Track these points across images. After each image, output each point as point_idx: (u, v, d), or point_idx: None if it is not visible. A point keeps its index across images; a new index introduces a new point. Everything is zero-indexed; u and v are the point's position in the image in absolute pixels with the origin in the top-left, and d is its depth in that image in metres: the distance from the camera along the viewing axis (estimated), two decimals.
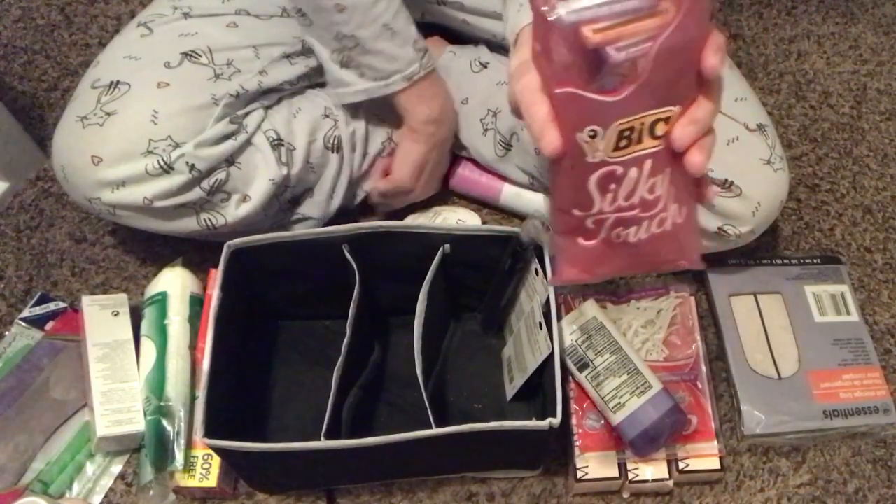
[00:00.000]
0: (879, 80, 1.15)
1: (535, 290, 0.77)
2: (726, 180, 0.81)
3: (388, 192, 0.93)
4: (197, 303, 0.87)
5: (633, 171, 0.46)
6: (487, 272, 0.81)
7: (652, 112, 0.44)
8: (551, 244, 0.51)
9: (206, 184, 0.81)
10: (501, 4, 0.70)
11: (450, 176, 1.01)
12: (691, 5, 0.41)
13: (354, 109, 0.91)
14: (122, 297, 0.89)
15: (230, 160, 0.82)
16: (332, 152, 0.90)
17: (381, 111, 0.94)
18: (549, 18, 0.41)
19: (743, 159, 0.82)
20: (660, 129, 0.45)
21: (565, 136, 0.45)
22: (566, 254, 0.51)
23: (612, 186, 0.46)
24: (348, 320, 0.76)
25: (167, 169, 0.78)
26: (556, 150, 0.45)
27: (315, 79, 0.90)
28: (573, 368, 0.82)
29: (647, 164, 0.46)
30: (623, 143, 0.45)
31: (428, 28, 0.99)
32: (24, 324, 0.89)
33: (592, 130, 0.44)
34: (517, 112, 0.51)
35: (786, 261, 0.95)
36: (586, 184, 0.46)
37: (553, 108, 0.45)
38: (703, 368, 0.85)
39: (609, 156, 0.45)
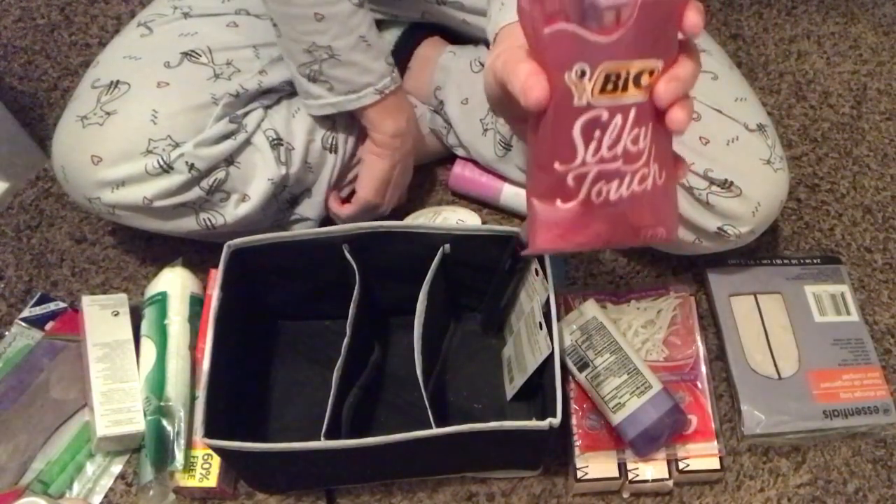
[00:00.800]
0: (879, 80, 1.15)
1: (535, 290, 0.77)
2: (726, 180, 0.81)
3: (355, 214, 0.92)
4: (197, 303, 0.87)
5: (618, 118, 0.46)
6: (487, 272, 0.81)
7: (637, 61, 0.45)
8: (528, 212, 0.51)
9: (205, 183, 0.81)
10: (486, 4, 0.70)
11: (449, 176, 1.01)
12: None
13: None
14: (122, 297, 0.89)
15: (229, 160, 0.82)
16: (330, 152, 0.90)
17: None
18: None
19: (743, 159, 0.82)
20: (644, 80, 0.46)
21: (552, 82, 0.45)
22: (542, 218, 0.49)
23: (597, 134, 0.46)
24: (348, 320, 0.76)
25: (167, 169, 0.78)
26: (543, 97, 0.46)
27: None
28: (573, 368, 0.82)
29: (632, 112, 0.46)
30: (609, 86, 0.45)
31: (428, 28, 0.99)
32: (24, 324, 0.89)
33: (581, 69, 0.44)
34: (493, 93, 0.52)
35: (786, 261, 0.95)
36: (571, 131, 0.46)
37: (541, 53, 0.46)
38: (703, 368, 0.86)
39: (595, 99, 0.45)
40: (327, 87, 0.82)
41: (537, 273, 0.76)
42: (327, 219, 0.93)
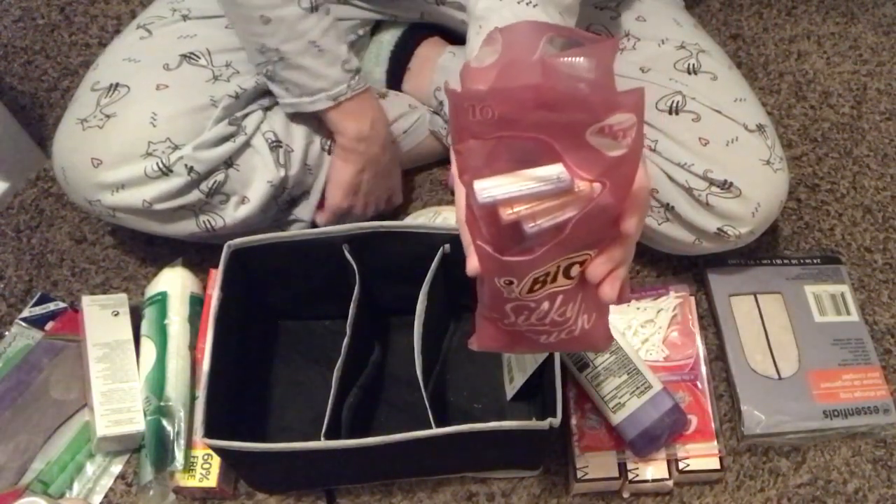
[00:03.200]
0: (879, 80, 1.15)
1: None
2: (726, 181, 0.81)
3: (328, 219, 0.92)
4: (197, 303, 0.87)
5: (546, 304, 0.49)
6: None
7: (567, 257, 0.46)
8: (477, 316, 0.55)
9: (204, 186, 0.81)
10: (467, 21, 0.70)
11: (449, 176, 1.01)
12: (612, 189, 0.43)
13: None
14: (122, 297, 0.89)
15: (229, 162, 0.82)
16: (329, 154, 0.90)
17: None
18: (472, 199, 0.43)
19: (742, 160, 0.82)
20: (574, 271, 0.47)
21: (486, 274, 0.47)
22: (488, 331, 0.54)
23: (525, 313, 0.50)
24: (348, 320, 0.76)
25: (166, 171, 0.78)
26: (475, 274, 0.48)
27: None
28: (573, 368, 0.82)
29: (559, 298, 0.48)
30: (537, 286, 0.47)
31: (428, 28, 1.00)
32: (24, 324, 0.89)
33: (508, 280, 0.46)
34: None
35: (786, 261, 0.95)
36: (503, 307, 0.49)
37: (475, 250, 0.47)
38: (703, 368, 0.86)
39: (522, 296, 0.48)
40: (283, 87, 0.82)
41: None
42: None
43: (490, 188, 0.42)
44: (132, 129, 0.78)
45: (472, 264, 0.47)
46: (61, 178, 0.82)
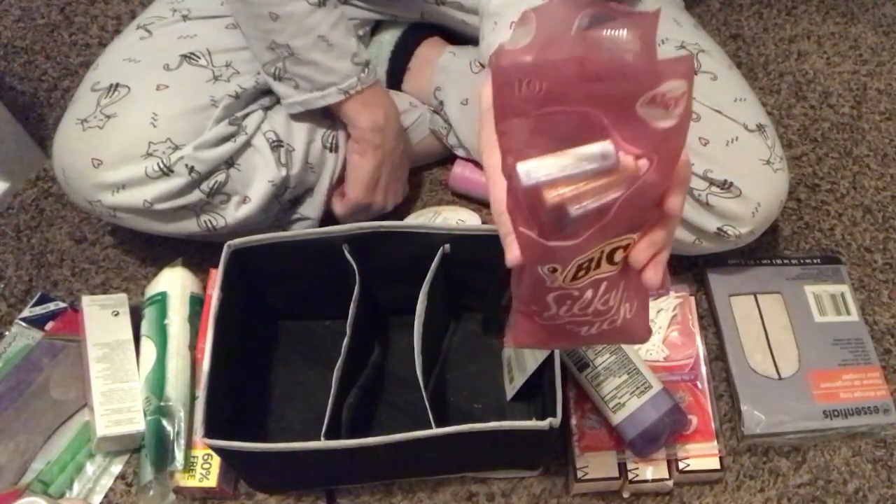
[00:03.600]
0: (879, 80, 1.15)
1: None
2: (726, 181, 0.81)
3: (348, 213, 0.92)
4: (197, 303, 0.87)
5: (589, 293, 0.47)
6: (487, 272, 0.81)
7: (611, 241, 0.45)
8: (512, 313, 0.53)
9: (205, 186, 0.81)
10: (479, 19, 0.70)
11: (449, 176, 1.01)
12: (660, 166, 0.41)
13: None
14: (122, 297, 0.89)
15: (230, 162, 0.82)
16: (330, 152, 0.90)
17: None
18: (514, 181, 0.42)
19: (742, 160, 0.82)
20: (618, 256, 0.46)
21: (528, 262, 0.46)
22: (524, 327, 0.52)
23: (568, 303, 0.48)
24: (348, 320, 0.76)
25: (167, 171, 0.78)
26: (517, 264, 0.46)
27: None
28: (573, 368, 0.82)
29: (603, 285, 0.47)
30: (581, 273, 0.46)
31: (428, 28, 1.00)
32: (24, 324, 0.89)
33: (553, 267, 0.45)
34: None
35: (786, 261, 0.95)
36: (545, 297, 0.48)
37: (516, 237, 0.46)
38: (703, 368, 0.86)
39: (567, 285, 0.46)
40: (293, 84, 0.82)
41: None
42: (328, 218, 0.93)
43: (534, 170, 0.41)
44: (132, 129, 0.78)
45: (513, 254, 0.46)
46: (61, 179, 0.82)
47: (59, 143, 0.81)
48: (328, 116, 0.89)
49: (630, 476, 0.80)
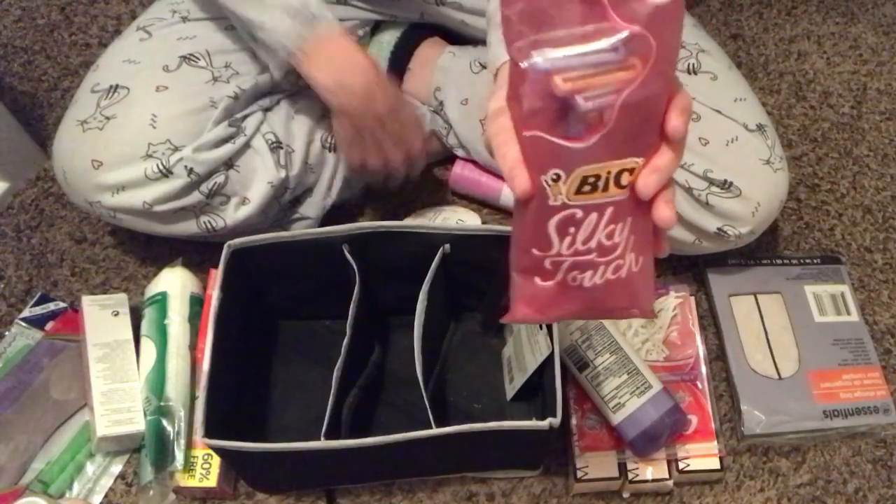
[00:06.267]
0: (879, 80, 1.15)
1: None
2: (726, 180, 0.81)
3: (351, 174, 0.89)
4: (197, 303, 0.87)
5: (593, 216, 0.47)
6: (487, 272, 0.81)
7: (616, 162, 0.46)
8: (511, 282, 0.53)
9: (204, 187, 0.81)
10: (486, 25, 0.69)
11: (449, 176, 1.01)
12: (655, 64, 0.43)
13: None
14: (122, 297, 0.89)
15: (229, 163, 0.82)
16: (330, 152, 0.90)
17: None
18: (523, 65, 0.43)
19: (743, 160, 0.82)
20: (625, 180, 0.46)
21: (532, 178, 0.46)
22: (522, 292, 0.52)
23: (571, 230, 0.48)
24: (348, 320, 0.76)
25: (166, 173, 0.78)
26: (525, 191, 0.47)
27: None
28: (573, 368, 0.82)
29: (609, 210, 0.47)
30: (586, 188, 0.46)
31: (427, 29, 0.99)
32: (24, 324, 0.89)
33: (556, 174, 0.45)
34: (490, 152, 0.51)
35: (786, 261, 0.95)
36: (546, 226, 0.48)
37: (521, 150, 0.46)
38: (703, 368, 0.86)
39: (570, 199, 0.46)
40: (264, 52, 0.80)
41: None
42: (328, 218, 0.93)
43: (547, 55, 0.42)
44: (132, 130, 0.78)
45: (522, 182, 0.46)
46: (62, 180, 0.82)
47: (59, 145, 0.81)
48: (328, 116, 0.89)
49: (630, 476, 0.80)
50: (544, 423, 0.68)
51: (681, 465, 0.80)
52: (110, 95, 0.80)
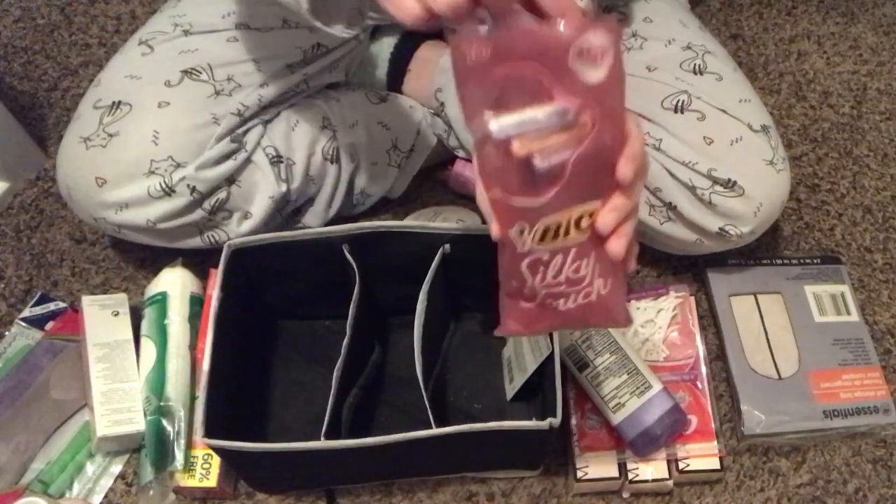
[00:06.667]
0: (879, 80, 1.15)
1: None
2: (729, 179, 0.81)
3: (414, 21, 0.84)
4: (197, 303, 0.87)
5: (559, 258, 0.52)
6: (487, 272, 0.81)
7: (576, 208, 0.50)
8: (500, 299, 0.60)
9: (207, 204, 0.81)
10: None
11: (449, 176, 1.01)
12: (603, 121, 0.47)
13: (353, 118, 0.91)
14: (122, 297, 0.89)
15: (231, 179, 0.82)
16: (331, 163, 0.90)
17: (384, 119, 0.94)
18: (482, 134, 0.48)
19: (746, 159, 0.82)
20: (585, 223, 0.51)
21: (502, 230, 0.53)
22: (509, 310, 0.58)
23: (541, 269, 0.53)
24: (348, 320, 0.76)
25: (168, 191, 0.78)
26: (497, 238, 0.53)
27: (315, 85, 0.90)
28: (573, 368, 0.82)
29: (572, 251, 0.52)
30: (549, 236, 0.51)
31: (428, 29, 0.99)
32: (24, 324, 0.89)
33: (520, 228, 0.51)
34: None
35: (786, 261, 0.95)
36: (519, 267, 0.54)
37: (490, 204, 0.52)
38: (703, 368, 0.86)
39: (535, 246, 0.52)
40: None
41: None
42: (328, 222, 0.94)
43: (503, 123, 0.47)
44: (135, 147, 0.78)
45: (494, 228, 0.52)
46: (66, 196, 0.82)
47: (62, 162, 0.81)
48: (328, 127, 0.89)
49: (630, 476, 0.80)
50: (544, 423, 0.68)
51: (681, 465, 0.80)
52: (113, 112, 0.80)
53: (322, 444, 0.69)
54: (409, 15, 0.49)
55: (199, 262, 0.94)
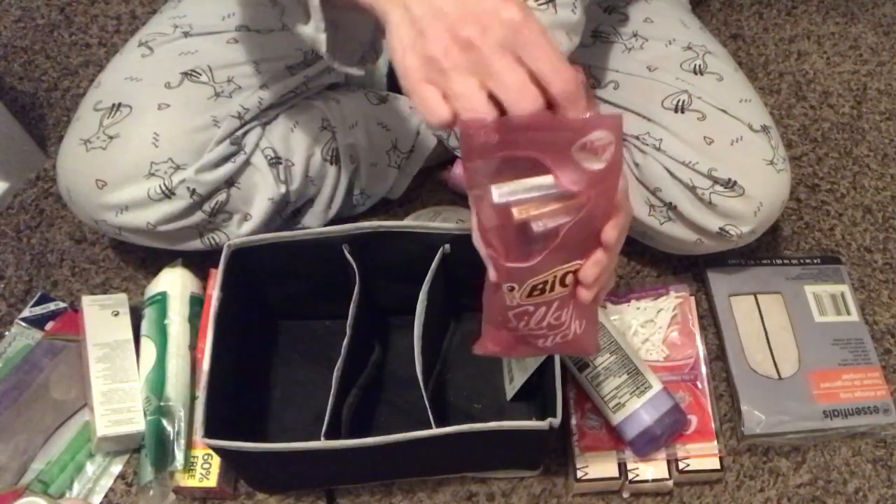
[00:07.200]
0: (879, 80, 1.15)
1: None
2: (730, 179, 0.81)
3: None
4: (197, 303, 0.87)
5: (542, 309, 0.57)
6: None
7: (561, 267, 0.54)
8: (483, 321, 0.62)
9: (206, 206, 0.81)
10: None
11: (449, 176, 1.01)
12: (599, 196, 0.51)
13: (353, 119, 0.91)
14: (122, 297, 0.89)
15: (230, 181, 0.82)
16: (331, 164, 0.90)
17: (383, 119, 0.94)
18: (483, 201, 0.51)
19: (746, 159, 0.82)
20: (568, 279, 0.55)
21: (498, 282, 0.56)
22: (490, 334, 0.61)
23: (525, 317, 0.57)
24: (348, 320, 0.76)
25: (168, 194, 0.78)
26: (496, 282, 0.55)
27: (315, 87, 0.90)
28: (573, 368, 0.82)
29: (555, 303, 0.57)
30: (536, 292, 0.55)
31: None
32: (24, 324, 0.89)
33: (510, 286, 0.54)
34: None
35: (786, 261, 0.95)
36: (506, 314, 0.57)
37: (486, 258, 0.55)
38: (703, 368, 0.86)
39: (522, 301, 0.56)
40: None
41: None
42: (328, 222, 0.94)
43: (504, 191, 0.50)
44: (135, 150, 0.78)
45: (492, 274, 0.55)
46: (67, 198, 0.82)
47: (62, 164, 0.81)
48: (327, 129, 0.89)
49: (630, 476, 0.80)
50: (544, 423, 0.68)
51: (681, 465, 0.80)
52: (113, 114, 0.80)
53: (322, 444, 0.69)
54: (438, 118, 0.50)
55: (199, 262, 0.94)
